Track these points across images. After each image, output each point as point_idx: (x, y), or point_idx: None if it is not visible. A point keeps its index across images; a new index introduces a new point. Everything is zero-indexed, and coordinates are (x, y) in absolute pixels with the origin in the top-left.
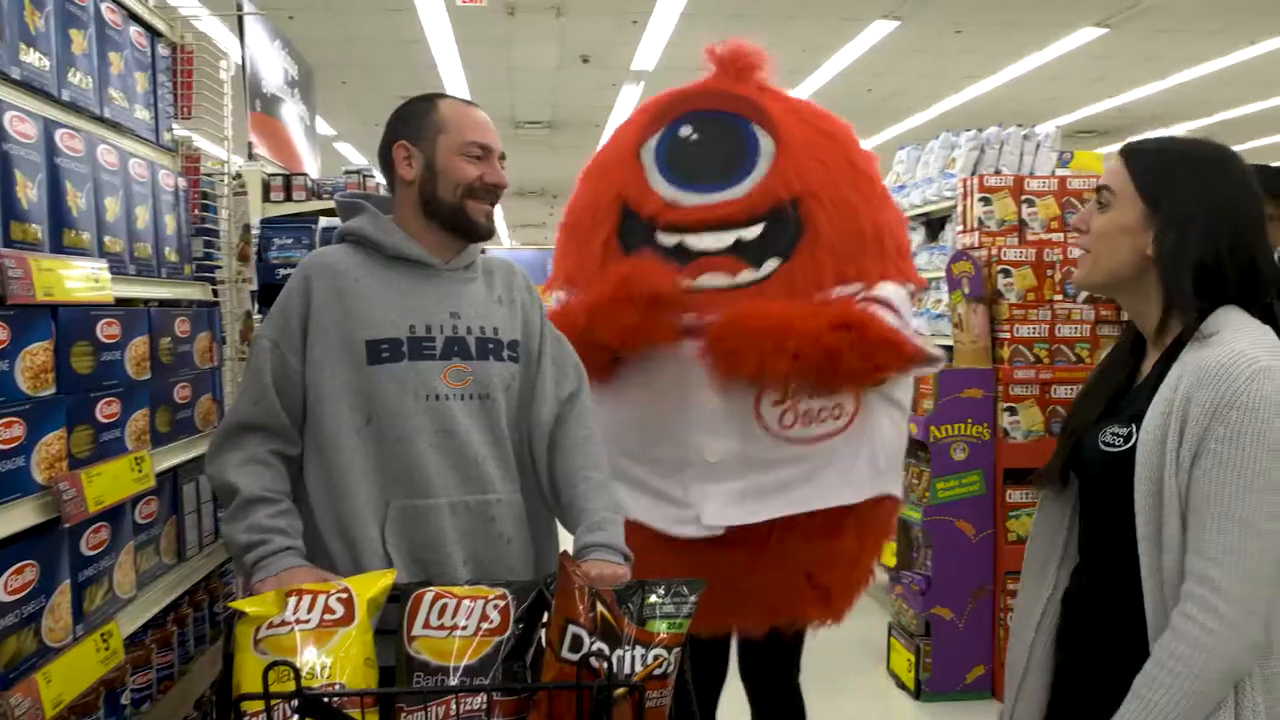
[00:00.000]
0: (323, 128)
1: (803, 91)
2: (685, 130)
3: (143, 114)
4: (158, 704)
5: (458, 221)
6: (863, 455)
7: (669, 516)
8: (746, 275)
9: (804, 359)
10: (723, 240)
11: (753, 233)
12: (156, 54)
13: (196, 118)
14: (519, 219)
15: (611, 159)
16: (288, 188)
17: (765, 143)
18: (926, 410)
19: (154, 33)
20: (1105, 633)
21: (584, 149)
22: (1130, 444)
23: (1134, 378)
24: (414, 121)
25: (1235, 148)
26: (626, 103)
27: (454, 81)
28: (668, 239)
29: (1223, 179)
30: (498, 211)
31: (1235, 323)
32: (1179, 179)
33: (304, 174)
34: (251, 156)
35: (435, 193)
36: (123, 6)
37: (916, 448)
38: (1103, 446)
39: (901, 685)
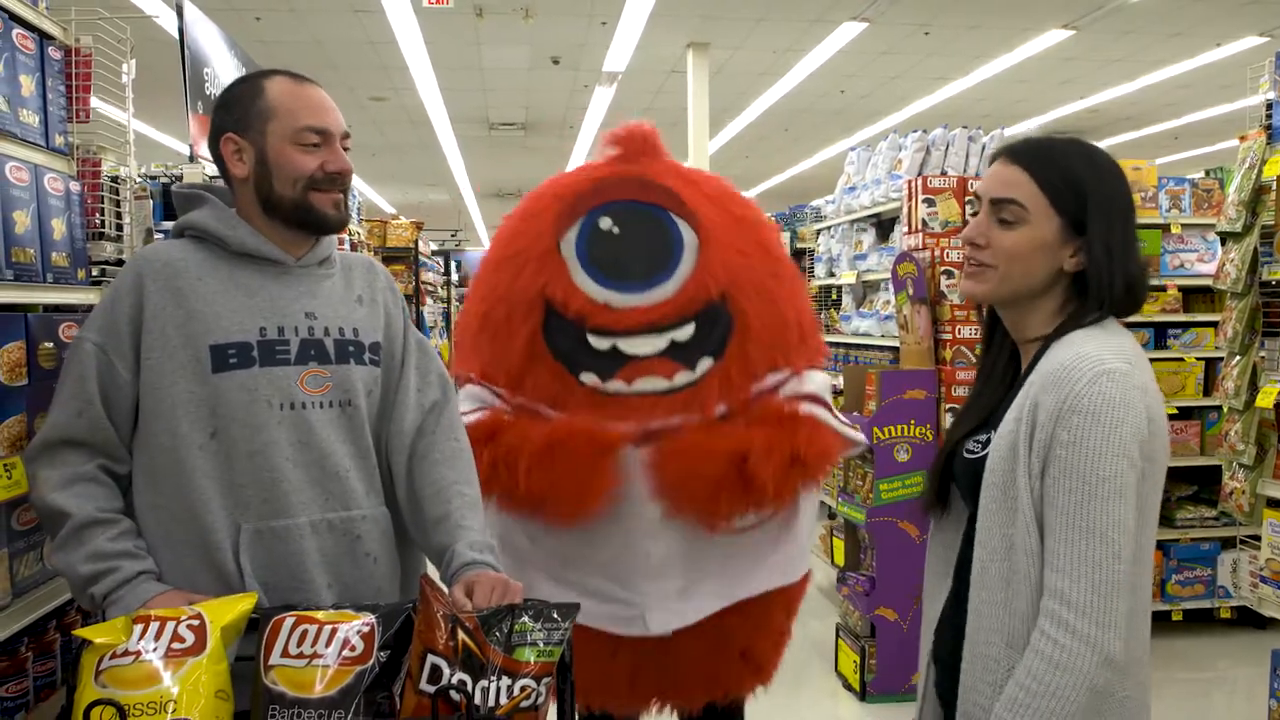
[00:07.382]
0: None
1: (776, 93)
2: (605, 223)
3: (29, 118)
4: (36, 711)
5: (302, 217)
6: (787, 540)
7: (611, 616)
8: (683, 378)
9: (756, 502)
10: (657, 344)
11: (685, 333)
12: (46, 57)
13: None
14: (496, 220)
15: (528, 250)
16: None
17: (688, 236)
18: (870, 412)
19: (43, 36)
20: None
21: (559, 150)
22: (986, 450)
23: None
24: (239, 109)
25: (1203, 150)
26: (600, 104)
27: (425, 83)
28: (600, 343)
29: (1120, 183)
30: (475, 212)
31: (1100, 326)
32: (1092, 190)
33: None
34: (193, 159)
35: (273, 189)
36: (3, 9)
37: None
38: (965, 455)
39: (848, 686)
